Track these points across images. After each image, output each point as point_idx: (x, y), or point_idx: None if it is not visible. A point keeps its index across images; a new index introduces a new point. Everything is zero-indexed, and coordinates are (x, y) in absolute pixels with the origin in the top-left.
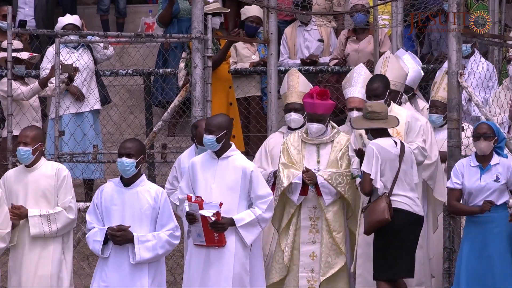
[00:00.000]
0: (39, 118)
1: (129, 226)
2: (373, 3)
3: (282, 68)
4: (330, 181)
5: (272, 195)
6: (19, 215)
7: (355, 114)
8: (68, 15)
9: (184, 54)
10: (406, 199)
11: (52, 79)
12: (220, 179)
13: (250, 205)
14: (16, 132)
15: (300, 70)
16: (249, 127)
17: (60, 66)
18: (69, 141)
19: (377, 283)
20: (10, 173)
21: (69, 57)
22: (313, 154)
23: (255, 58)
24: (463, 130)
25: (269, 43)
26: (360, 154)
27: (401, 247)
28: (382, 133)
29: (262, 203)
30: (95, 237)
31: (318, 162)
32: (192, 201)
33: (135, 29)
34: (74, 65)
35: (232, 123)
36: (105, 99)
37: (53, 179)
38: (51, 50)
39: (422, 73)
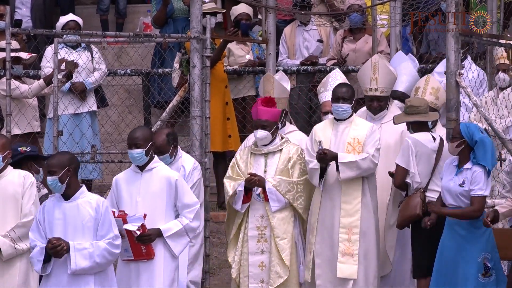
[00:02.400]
0: (38, 117)
1: (59, 238)
2: (372, 2)
3: (281, 68)
4: (278, 188)
5: (199, 204)
6: None
7: (329, 117)
8: (71, 14)
9: (179, 54)
10: None
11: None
12: (145, 191)
13: (177, 216)
14: (14, 131)
15: (298, 71)
16: (247, 127)
17: (64, 63)
18: (68, 141)
19: (417, 282)
20: None
21: (68, 57)
22: (260, 164)
23: (249, 57)
24: None
25: (268, 43)
26: (321, 157)
27: (434, 243)
28: (422, 127)
29: (189, 212)
30: (37, 257)
31: (265, 171)
32: (115, 216)
33: (133, 29)
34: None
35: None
36: (102, 101)
37: (20, 186)
38: (50, 50)
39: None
